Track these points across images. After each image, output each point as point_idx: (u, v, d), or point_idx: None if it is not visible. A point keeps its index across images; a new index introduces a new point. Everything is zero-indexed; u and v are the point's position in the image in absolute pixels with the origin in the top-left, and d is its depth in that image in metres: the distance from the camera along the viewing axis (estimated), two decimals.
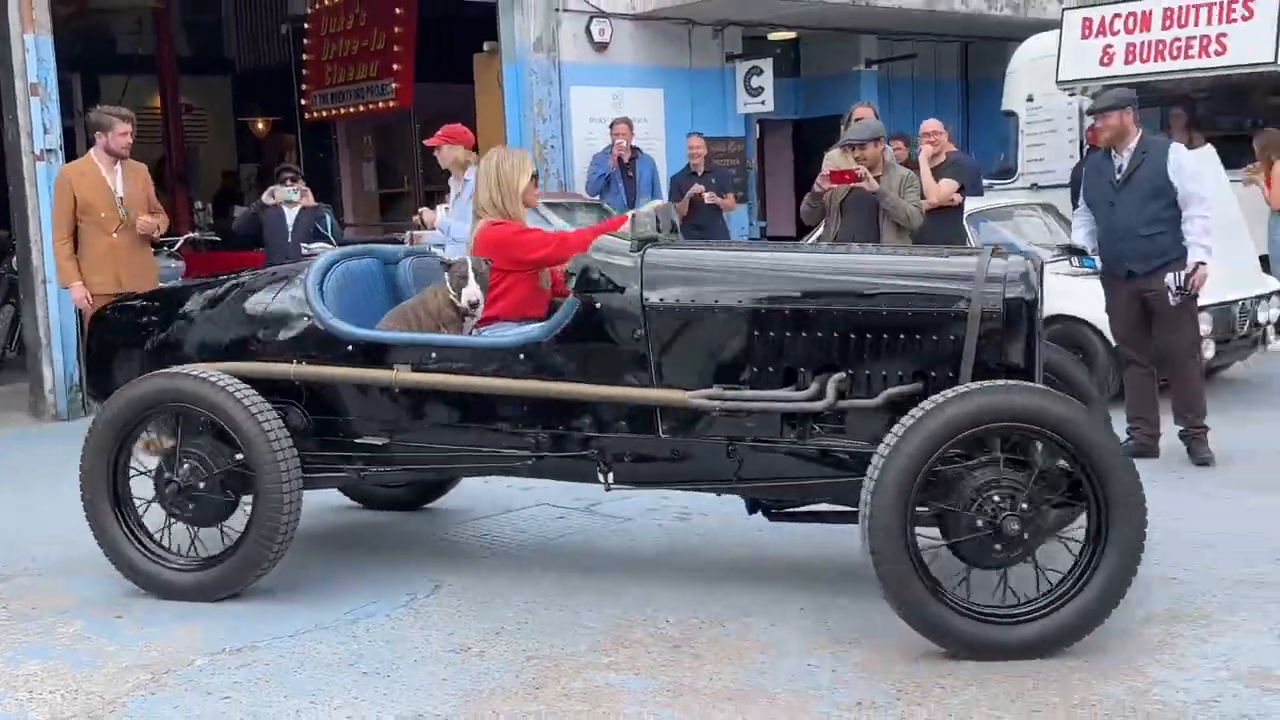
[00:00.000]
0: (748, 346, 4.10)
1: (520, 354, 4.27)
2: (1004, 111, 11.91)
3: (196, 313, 4.76)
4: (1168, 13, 9.93)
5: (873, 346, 4.02)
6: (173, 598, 4.46)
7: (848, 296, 4.09)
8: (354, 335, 4.44)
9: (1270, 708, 3.36)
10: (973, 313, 3.90)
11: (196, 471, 4.45)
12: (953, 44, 15.05)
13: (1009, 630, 3.75)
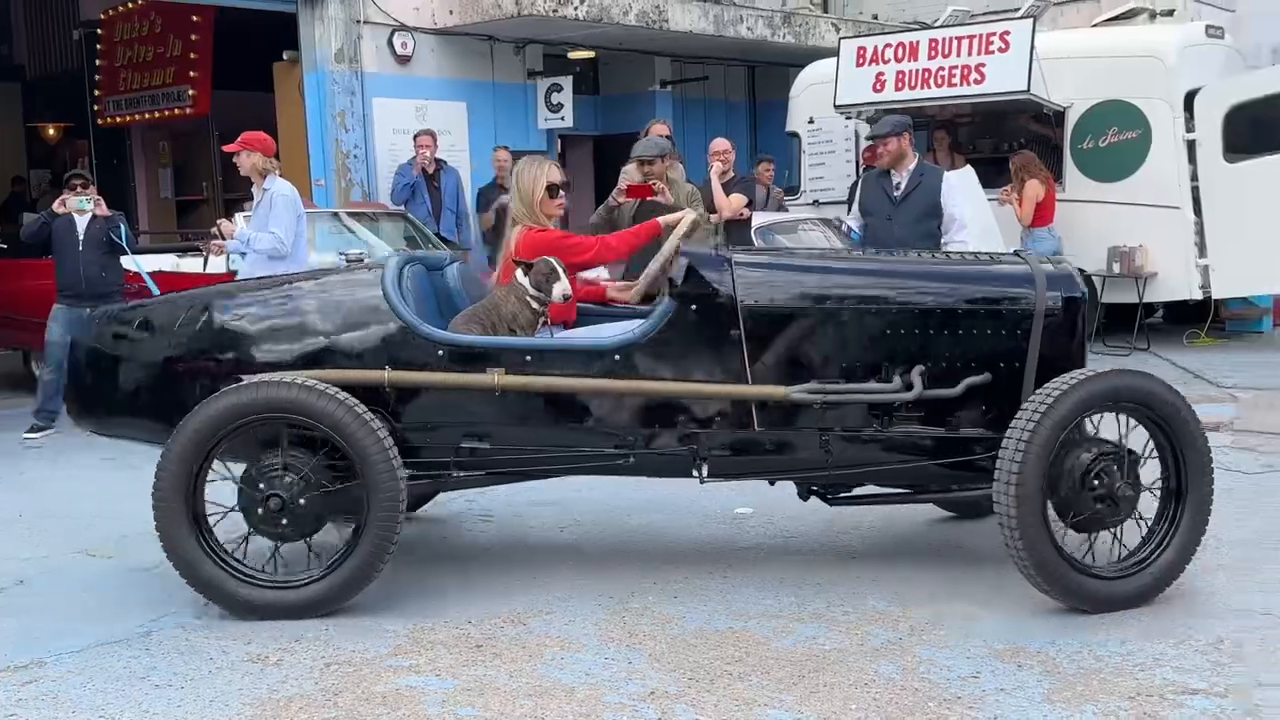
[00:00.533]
0: (836, 343, 4.28)
1: (615, 355, 4.26)
2: (788, 132, 12.30)
3: (245, 320, 4.36)
4: (933, 44, 10.43)
5: (948, 341, 4.27)
6: (268, 617, 4.12)
7: (927, 296, 4.33)
8: (447, 340, 4.27)
9: (1024, 680, 3.55)
10: (1038, 310, 4.22)
11: (299, 485, 4.10)
12: (741, 68, 15.44)
13: (1121, 584, 4.09)
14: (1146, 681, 3.51)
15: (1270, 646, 3.74)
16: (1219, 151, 9.77)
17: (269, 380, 4.08)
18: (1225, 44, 10.94)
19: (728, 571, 4.67)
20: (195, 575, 4.13)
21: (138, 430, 4.57)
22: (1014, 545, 3.98)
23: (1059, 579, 4.00)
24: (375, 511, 4.06)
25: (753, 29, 13.10)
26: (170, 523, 4.07)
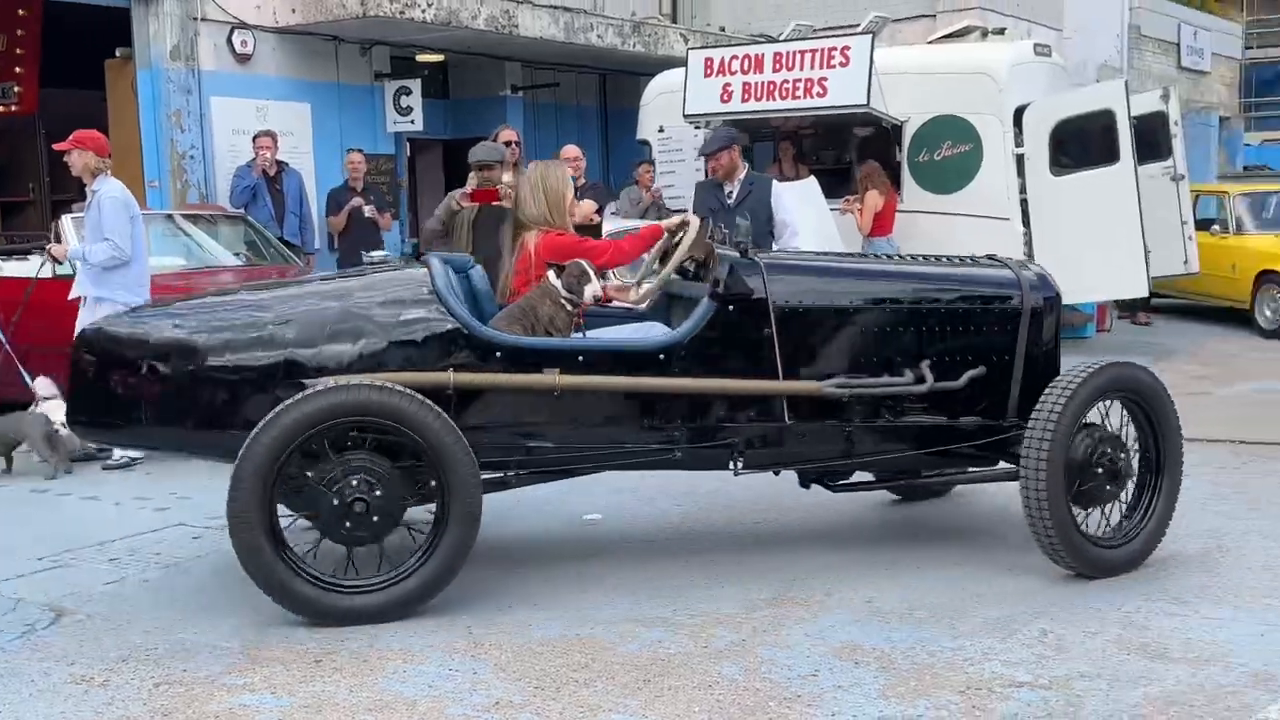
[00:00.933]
0: (855, 340, 4.60)
1: (660, 354, 4.43)
2: (639, 140, 12.37)
3: (293, 323, 4.24)
4: (778, 57, 10.62)
5: (950, 337, 4.68)
6: (348, 623, 4.08)
7: (935, 298, 4.73)
8: (505, 342, 4.34)
9: (860, 677, 3.64)
10: (1025, 309, 4.72)
11: (379, 489, 4.08)
12: (592, 75, 15.48)
13: (1118, 551, 4.56)
14: (976, 675, 3.64)
15: (1089, 639, 3.92)
16: (1046, 165, 10.20)
17: (353, 384, 4.04)
18: (1052, 62, 11.45)
19: (576, 578, 4.67)
20: (275, 584, 4.05)
21: (164, 440, 4.51)
22: (1041, 519, 4.37)
23: (1076, 548, 4.42)
24: (456, 510, 4.12)
25: (603, 37, 13.15)
26: (249, 535, 3.99)
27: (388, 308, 4.30)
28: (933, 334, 4.67)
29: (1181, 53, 21.23)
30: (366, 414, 4.02)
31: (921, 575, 4.62)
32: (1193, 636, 3.91)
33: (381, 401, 4.00)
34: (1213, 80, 22.97)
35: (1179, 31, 21.10)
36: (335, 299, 4.38)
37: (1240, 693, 3.46)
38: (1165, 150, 10.74)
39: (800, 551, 4.98)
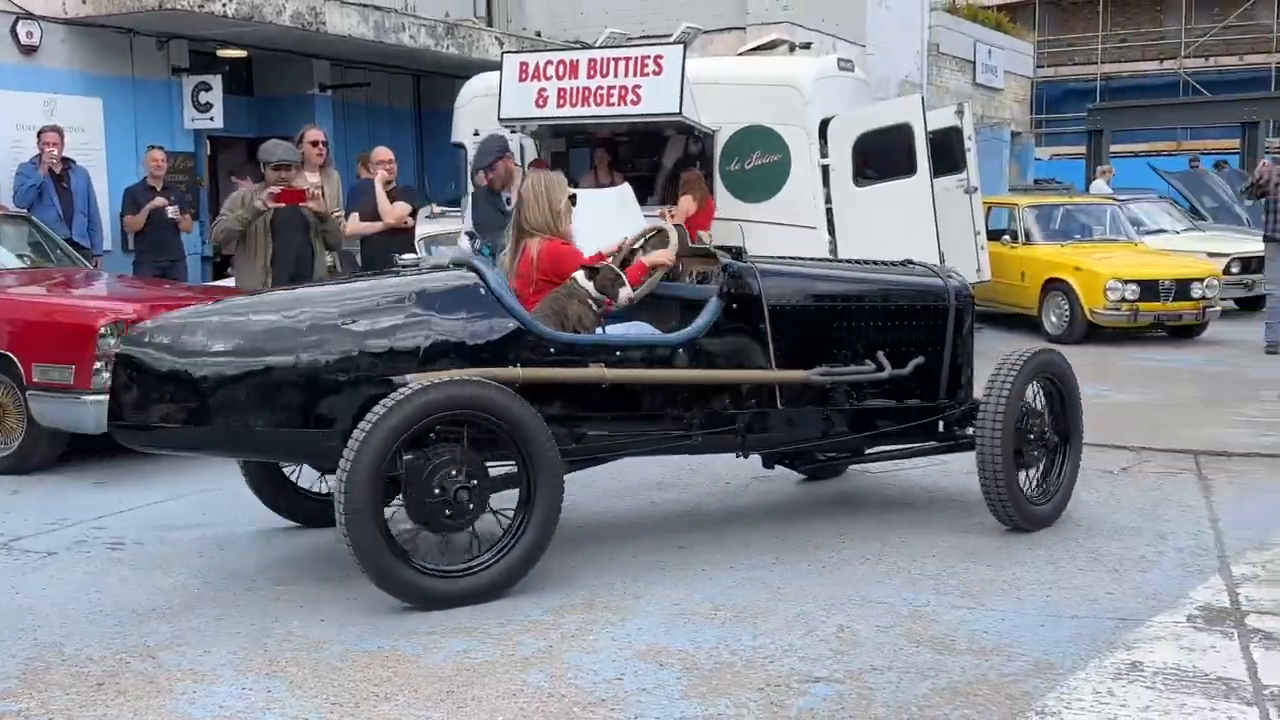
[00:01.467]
0: (828, 333, 5.22)
1: (680, 349, 4.88)
2: (453, 143, 12.25)
3: (364, 324, 4.40)
4: (592, 64, 10.67)
5: (900, 331, 5.37)
6: (447, 606, 4.26)
7: (892, 297, 5.45)
8: (559, 339, 4.68)
9: (664, 679, 3.69)
10: (951, 307, 5.47)
11: (474, 479, 4.35)
12: (405, 76, 15.24)
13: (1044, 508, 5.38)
14: (775, 672, 3.73)
15: (883, 634, 4.07)
16: (849, 176, 10.57)
17: (455, 380, 4.28)
18: (855, 76, 11.87)
19: (378, 590, 4.57)
20: (388, 575, 4.20)
21: (224, 446, 4.58)
22: (995, 481, 5.07)
23: (1020, 507, 5.19)
24: (543, 494, 4.40)
25: (415, 38, 12.96)
26: (365, 530, 4.10)
27: (451, 308, 4.53)
28: (888, 329, 5.37)
29: (977, 70, 22.33)
30: (467, 407, 4.27)
31: (732, 574, 4.71)
32: (979, 628, 4.10)
33: (481, 395, 4.28)
34: (1006, 97, 24.23)
35: (975, 50, 22.19)
36: (396, 300, 4.51)
37: (1021, 681, 3.65)
38: (960, 163, 11.25)
39: (612, 555, 5.01)
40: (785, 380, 5.05)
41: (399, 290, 4.57)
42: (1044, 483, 5.43)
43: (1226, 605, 4.29)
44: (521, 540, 4.40)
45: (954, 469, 6.57)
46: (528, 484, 4.42)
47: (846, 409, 5.26)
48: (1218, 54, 35.16)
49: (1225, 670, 3.68)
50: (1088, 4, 36.52)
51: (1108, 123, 23.97)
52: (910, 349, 5.36)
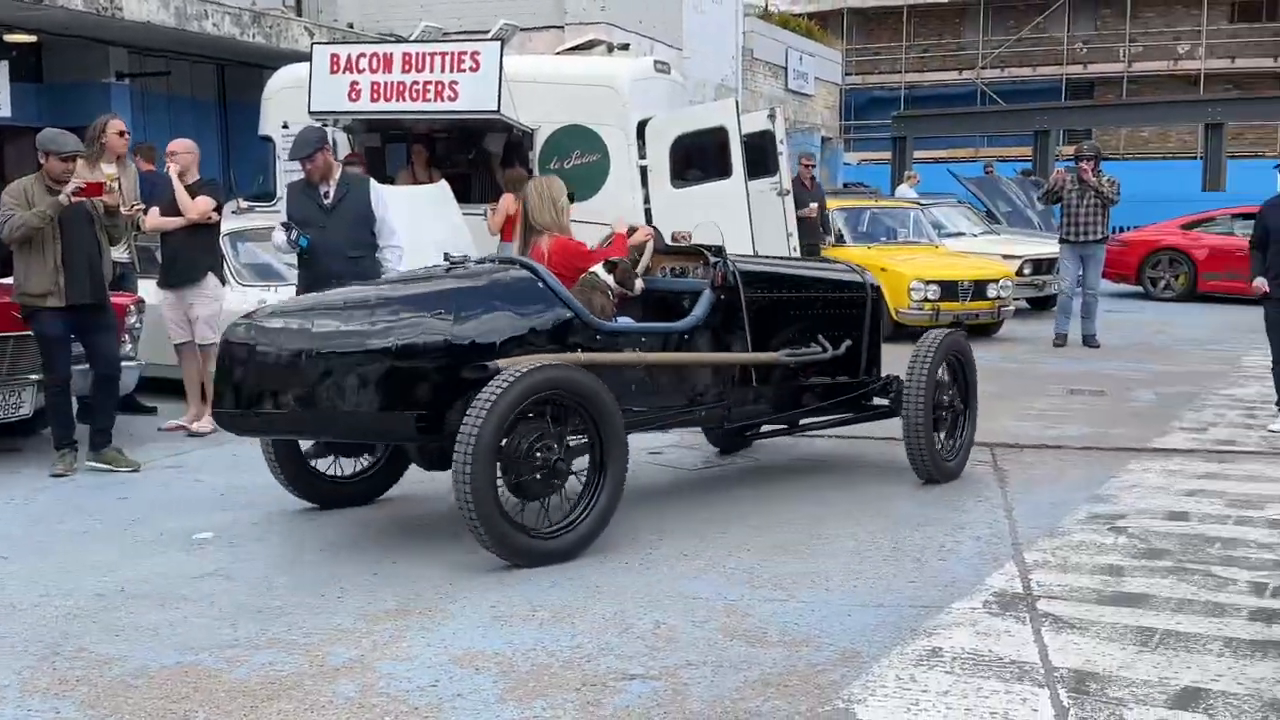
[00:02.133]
0: (789, 322, 6.04)
1: (685, 335, 5.57)
2: (261, 136, 11.85)
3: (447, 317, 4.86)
4: (407, 58, 10.50)
5: (834, 319, 6.24)
6: (548, 563, 4.73)
7: (832, 288, 6.38)
8: (603, 326, 5.32)
9: (480, 684, 3.64)
10: (870, 297, 6.42)
11: (559, 451, 4.83)
12: (208, 65, 14.67)
13: (954, 462, 6.36)
14: (592, 671, 3.73)
15: (698, 629, 4.12)
16: (667, 177, 10.70)
17: (549, 364, 4.81)
18: (672, 78, 12.03)
19: (180, 603, 4.38)
20: (504, 542, 4.68)
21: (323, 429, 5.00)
22: (917, 443, 5.98)
23: (938, 462, 6.10)
24: (613, 462, 4.97)
25: (219, 26, 12.49)
26: (487, 503, 4.58)
27: (518, 301, 5.07)
28: (826, 317, 6.23)
29: (789, 76, 22.97)
30: (558, 388, 4.79)
31: (550, 574, 4.70)
32: (790, 620, 4.20)
33: (569, 377, 4.84)
34: (816, 103, 25.00)
35: (787, 56, 22.81)
36: (472, 294, 5.01)
37: (829, 671, 3.75)
38: (773, 166, 11.51)
39: (428, 558, 4.92)
40: (763, 361, 5.84)
41: (473, 285, 5.08)
42: (949, 440, 6.32)
43: (1020, 591, 4.51)
44: (599, 500, 4.95)
45: (766, 462, 6.72)
46: (600, 452, 4.99)
47: (797, 386, 6.10)
48: (1013, 65, 37.12)
49: (1018, 654, 3.87)
50: (892, 15, 38.01)
51: (911, 130, 25.03)
52: (841, 334, 6.23)
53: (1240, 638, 4.00)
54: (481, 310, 4.96)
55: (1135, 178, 17.69)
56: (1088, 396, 8.77)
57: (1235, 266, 14.96)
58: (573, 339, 5.16)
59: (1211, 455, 6.82)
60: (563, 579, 4.65)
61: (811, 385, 6.18)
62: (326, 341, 4.67)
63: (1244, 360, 10.45)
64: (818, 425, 6.58)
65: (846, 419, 6.52)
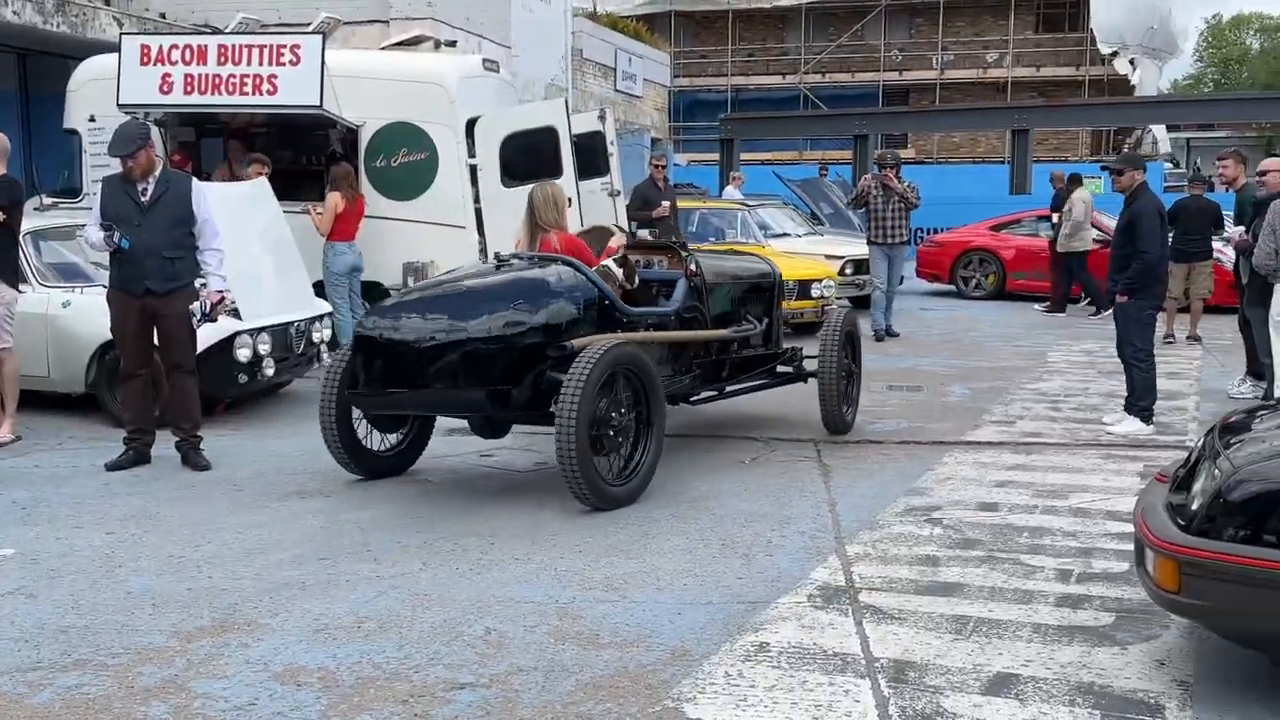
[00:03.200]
0: (730, 303, 7.30)
1: (673, 317, 6.70)
2: (66, 129, 11.23)
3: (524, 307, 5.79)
4: (223, 50, 10.11)
5: (757, 300, 7.59)
6: (618, 506, 5.66)
7: (758, 278, 7.70)
8: (630, 313, 6.34)
9: (302, 700, 3.52)
10: (777, 283, 7.82)
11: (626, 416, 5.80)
12: (8, 54, 13.83)
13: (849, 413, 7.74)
14: (420, 682, 3.65)
15: (530, 633, 4.08)
16: (497, 177, 10.58)
17: (619, 341, 5.84)
18: (501, 77, 11.91)
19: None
20: (596, 490, 5.58)
21: (436, 406, 6.03)
22: (832, 394, 7.27)
23: (841, 416, 7.39)
24: (657, 421, 5.99)
25: (20, 13, 11.78)
26: (587, 463, 5.50)
27: (571, 292, 5.99)
28: (752, 298, 7.54)
29: (618, 77, 23.10)
30: (626, 363, 5.77)
31: (378, 583, 4.59)
32: (621, 621, 4.20)
33: (634, 353, 5.88)
34: (646, 104, 25.22)
35: (616, 57, 22.93)
36: (537, 288, 5.90)
37: (659, 670, 3.76)
38: (604, 166, 11.53)
39: (248, 569, 4.74)
40: (721, 336, 7.07)
41: (533, 279, 5.95)
42: (848, 394, 7.63)
43: (842, 584, 4.62)
44: (650, 451, 5.95)
45: None
46: (648, 414, 5.96)
47: (734, 357, 7.31)
48: (834, 71, 38.25)
49: (841, 646, 3.96)
50: (718, 19, 38.68)
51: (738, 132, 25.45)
52: (761, 313, 7.53)
53: (1048, 624, 4.19)
54: (547, 300, 5.87)
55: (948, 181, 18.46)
56: (905, 392, 9.08)
57: (1040, 266, 15.80)
58: (610, 322, 6.17)
59: (1019, 447, 7.14)
60: (390, 588, 4.54)
61: (745, 356, 7.39)
62: (440, 332, 5.63)
63: (1049, 355, 10.99)
64: (740, 390, 7.62)
65: (762, 384, 7.69)
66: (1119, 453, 6.96)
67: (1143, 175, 7.56)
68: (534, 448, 7.11)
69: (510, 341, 5.66)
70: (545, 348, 5.76)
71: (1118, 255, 7.45)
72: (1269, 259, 7.11)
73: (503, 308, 5.70)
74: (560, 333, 5.82)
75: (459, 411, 6.27)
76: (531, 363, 5.74)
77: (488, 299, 5.74)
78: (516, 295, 5.80)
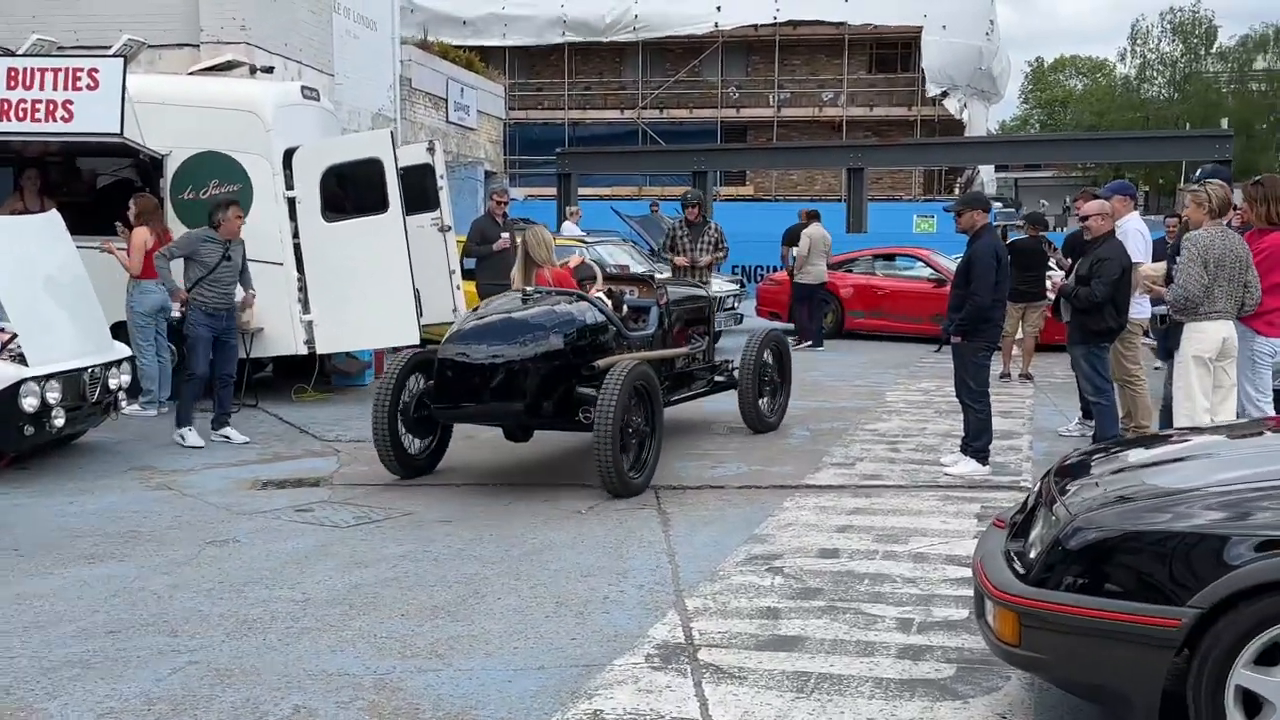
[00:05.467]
0: (684, 326, 8.94)
1: (652, 338, 8.24)
2: None
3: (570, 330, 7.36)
4: (12, 73, 9.58)
5: (701, 320, 9.27)
6: (637, 493, 7.04)
7: (702, 302, 9.45)
8: (631, 336, 7.97)
9: None
10: (712, 304, 9.64)
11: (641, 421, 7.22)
12: None
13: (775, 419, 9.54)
14: None
15: (343, 710, 3.85)
16: (318, 210, 10.26)
17: (637, 360, 7.28)
18: (322, 106, 11.59)
19: None
20: (623, 481, 6.95)
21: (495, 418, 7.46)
22: (751, 402, 8.93)
23: (763, 418, 9.10)
24: (658, 427, 7.41)
25: None
26: (617, 458, 6.83)
27: (590, 320, 7.50)
28: (696, 319, 9.18)
29: (450, 108, 22.83)
30: (642, 378, 7.15)
31: (173, 659, 4.29)
32: (446, 692, 4.01)
33: (646, 370, 7.27)
34: (480, 136, 25.01)
35: (448, 87, 22.68)
36: (566, 318, 7.33)
37: None
38: (433, 200, 11.32)
39: (23, 647, 4.36)
40: (687, 353, 8.79)
41: (565, 313, 7.35)
42: (771, 406, 9.31)
43: (681, 641, 4.52)
44: (653, 451, 7.30)
45: (422, 516, 6.48)
46: (652, 420, 7.33)
47: (687, 370, 8.84)
48: (672, 107, 38.83)
49: (680, 710, 3.85)
50: (554, 52, 38.86)
51: (576, 166, 25.53)
52: (703, 331, 9.22)
53: (890, 677, 4.17)
54: (576, 328, 7.29)
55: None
56: (745, 435, 9.11)
57: (877, 304, 16.25)
58: (619, 345, 7.66)
59: (859, 490, 7.21)
60: (188, 665, 4.24)
61: (692, 370, 8.93)
62: (497, 356, 6.92)
63: (887, 395, 11.22)
64: (690, 397, 8.83)
65: (705, 392, 9.04)
66: (957, 494, 7.09)
67: (984, 216, 7.73)
68: (354, 500, 6.84)
69: (556, 362, 7.06)
70: (576, 367, 7.16)
71: (956, 295, 7.63)
72: (1186, 295, 6.52)
73: (542, 335, 7.06)
74: (586, 354, 7.28)
75: (504, 421, 7.48)
76: (560, 379, 7.09)
77: (530, 328, 7.05)
78: (554, 325, 7.17)
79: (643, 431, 7.22)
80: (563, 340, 7.13)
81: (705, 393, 9.06)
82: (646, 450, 7.27)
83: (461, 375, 6.92)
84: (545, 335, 7.06)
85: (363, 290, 10.09)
